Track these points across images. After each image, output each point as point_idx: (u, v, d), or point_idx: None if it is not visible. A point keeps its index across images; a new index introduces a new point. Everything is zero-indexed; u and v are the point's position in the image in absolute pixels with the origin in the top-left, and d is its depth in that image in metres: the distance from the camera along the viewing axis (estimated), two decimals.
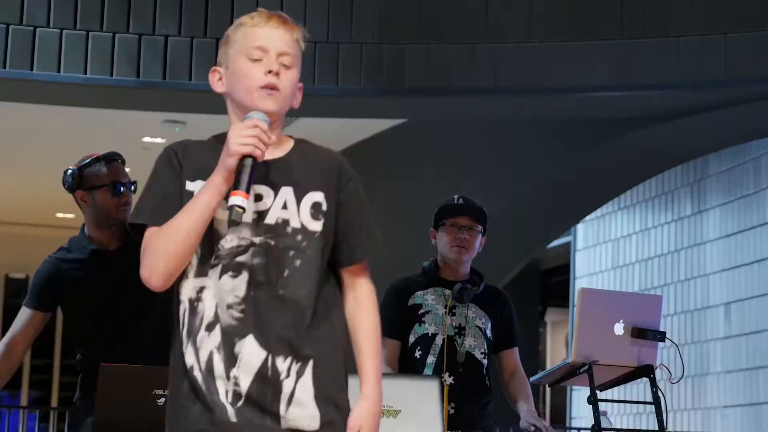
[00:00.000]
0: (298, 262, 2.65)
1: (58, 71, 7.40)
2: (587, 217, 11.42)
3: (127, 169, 4.53)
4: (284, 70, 2.72)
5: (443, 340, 4.68)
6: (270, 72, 2.69)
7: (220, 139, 2.72)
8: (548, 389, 14.35)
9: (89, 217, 4.49)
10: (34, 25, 7.40)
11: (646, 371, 4.73)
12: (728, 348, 9.81)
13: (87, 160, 4.51)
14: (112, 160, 4.50)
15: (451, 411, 4.62)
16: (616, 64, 7.43)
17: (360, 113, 8.61)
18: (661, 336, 4.72)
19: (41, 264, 4.49)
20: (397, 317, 4.73)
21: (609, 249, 11.64)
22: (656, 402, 4.72)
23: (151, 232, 2.64)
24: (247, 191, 2.57)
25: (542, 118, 8.58)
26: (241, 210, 2.56)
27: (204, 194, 2.61)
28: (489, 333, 4.76)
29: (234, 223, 2.58)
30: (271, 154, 2.68)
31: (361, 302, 2.76)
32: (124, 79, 7.49)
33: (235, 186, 2.58)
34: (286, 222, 2.66)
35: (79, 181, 4.49)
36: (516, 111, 8.33)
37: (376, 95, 7.73)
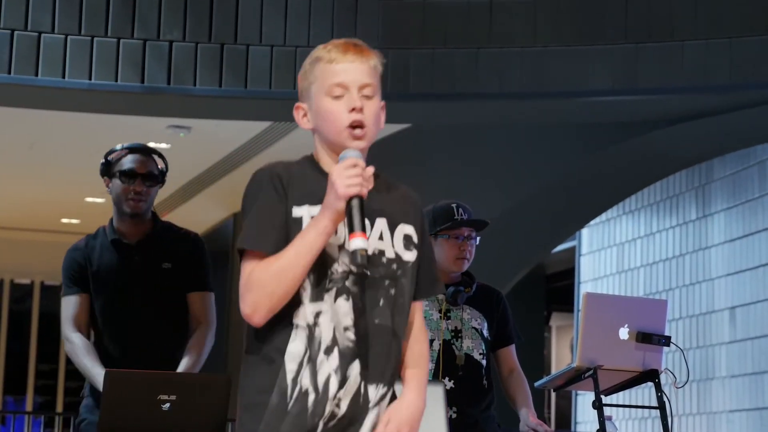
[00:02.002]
0: (392, 291, 2.72)
1: (63, 77, 7.41)
2: (592, 222, 11.41)
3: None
4: (366, 102, 2.75)
5: (440, 345, 4.68)
6: (353, 109, 2.72)
7: (313, 162, 2.77)
8: (553, 394, 14.34)
9: (114, 205, 4.55)
10: (39, 31, 7.41)
11: (651, 376, 4.73)
12: (733, 352, 9.79)
13: (115, 148, 4.59)
14: (133, 150, 4.55)
15: (453, 416, 4.61)
16: (620, 69, 7.43)
17: None
18: (666, 340, 4.72)
19: (68, 252, 4.57)
20: None
21: (614, 253, 11.63)
22: (661, 407, 4.72)
23: (254, 265, 2.64)
24: (364, 231, 2.60)
25: (547, 123, 8.58)
26: (364, 253, 2.58)
27: (311, 236, 2.62)
28: (486, 333, 4.75)
29: (361, 267, 2.62)
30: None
31: (418, 332, 2.83)
32: (128, 84, 7.50)
33: (350, 228, 2.60)
34: (381, 252, 2.72)
35: (105, 168, 4.57)
36: (520, 115, 8.33)
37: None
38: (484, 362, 4.72)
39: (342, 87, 2.73)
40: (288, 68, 7.54)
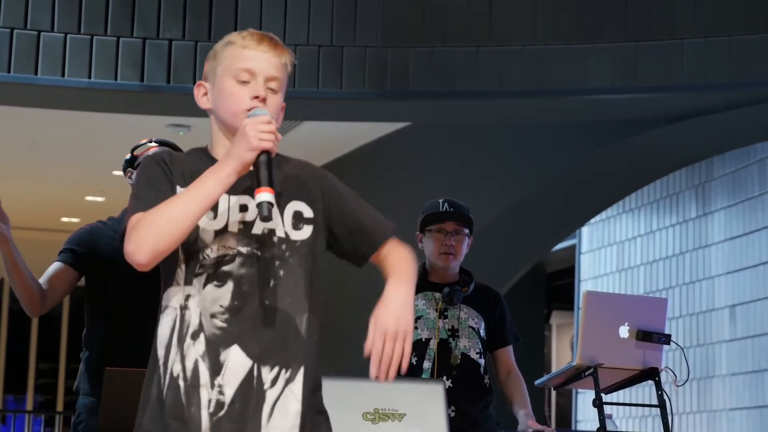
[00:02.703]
0: (282, 272, 2.64)
1: (63, 75, 7.41)
2: (592, 220, 11.41)
3: None
4: (270, 95, 2.70)
5: (436, 344, 4.67)
6: (257, 97, 2.67)
7: (204, 151, 2.73)
8: (553, 392, 14.34)
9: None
10: (39, 30, 7.41)
11: (652, 374, 4.72)
12: (734, 350, 9.80)
13: (141, 142, 4.64)
14: (162, 144, 4.61)
15: (452, 414, 4.60)
16: (620, 67, 7.43)
17: (364, 116, 8.62)
18: (667, 339, 4.72)
19: (82, 228, 4.56)
20: None
21: (614, 252, 11.63)
22: (661, 405, 4.72)
23: (141, 214, 2.58)
24: (272, 187, 2.55)
25: (546, 121, 8.58)
26: (270, 206, 2.53)
27: (210, 181, 2.56)
28: (483, 332, 4.74)
29: (266, 219, 2.55)
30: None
31: (394, 253, 2.72)
32: (128, 83, 7.50)
33: (258, 183, 2.55)
34: (272, 232, 2.66)
35: (130, 161, 4.60)
36: (520, 114, 8.33)
37: (381, 98, 7.73)
38: (481, 361, 4.71)
39: (249, 73, 2.69)
40: None
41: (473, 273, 4.84)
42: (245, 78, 2.69)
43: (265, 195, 2.53)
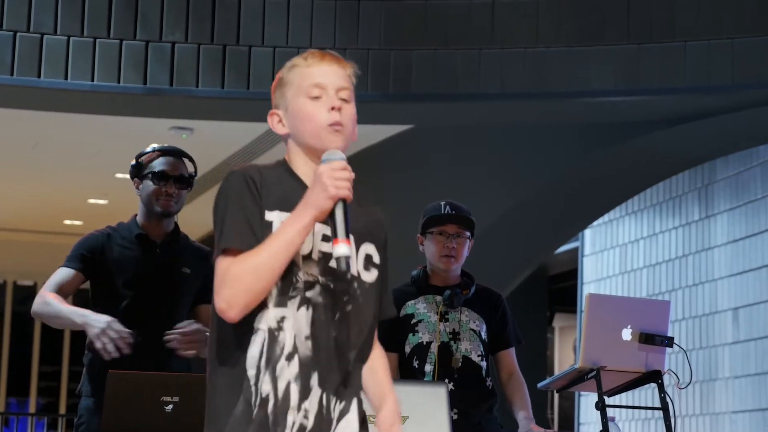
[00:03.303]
0: (349, 308, 2.71)
1: (65, 78, 7.41)
2: (595, 223, 11.41)
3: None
4: (344, 105, 2.75)
5: (437, 347, 4.67)
6: (333, 108, 2.72)
7: (287, 168, 2.77)
8: (556, 395, 14.33)
9: (141, 205, 4.56)
10: (42, 32, 7.41)
11: (654, 377, 4.72)
12: (736, 353, 9.79)
13: (146, 150, 4.64)
14: (165, 152, 4.58)
15: (455, 417, 4.60)
16: (622, 69, 7.43)
17: (367, 119, 8.60)
18: (669, 341, 4.71)
19: (87, 235, 4.57)
20: (391, 330, 4.72)
21: (616, 254, 11.63)
22: (664, 408, 4.71)
23: (231, 261, 2.62)
24: (348, 237, 2.59)
25: (548, 123, 8.58)
26: (347, 263, 2.57)
27: (290, 231, 2.60)
28: (484, 335, 4.74)
29: (343, 274, 2.61)
30: None
31: (384, 368, 2.91)
32: (131, 86, 7.50)
33: (334, 233, 2.59)
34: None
35: (136, 170, 4.61)
36: (522, 116, 8.33)
37: (383, 101, 7.73)
38: (483, 364, 4.71)
39: (320, 87, 2.74)
40: None
41: (475, 275, 4.84)
42: (317, 93, 2.74)
43: (342, 248, 2.57)
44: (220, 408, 2.69)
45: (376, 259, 2.77)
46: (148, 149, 4.67)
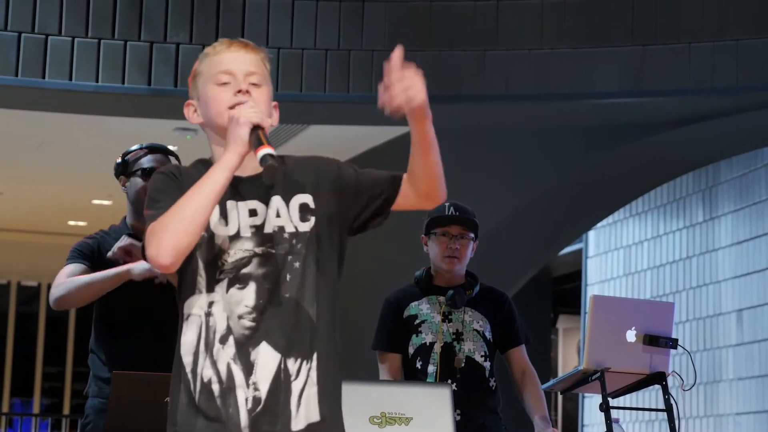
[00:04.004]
0: (296, 265, 2.70)
1: (70, 79, 7.42)
2: (599, 224, 11.40)
3: None
4: (254, 89, 2.77)
5: (441, 347, 4.67)
6: (239, 91, 2.74)
7: (207, 162, 2.79)
8: (560, 396, 14.33)
9: (129, 204, 4.56)
10: (46, 33, 7.42)
11: (659, 378, 4.72)
12: (741, 355, 9.78)
13: (132, 148, 4.61)
14: (154, 149, 4.59)
15: (458, 418, 4.59)
16: (627, 71, 7.43)
17: (371, 120, 8.62)
18: (674, 343, 4.71)
19: (79, 241, 4.55)
20: (394, 331, 4.72)
21: (621, 256, 11.62)
22: (668, 409, 4.71)
23: (155, 223, 2.63)
24: (269, 145, 2.62)
25: (553, 125, 8.58)
26: (272, 158, 2.59)
27: (214, 171, 2.63)
28: (488, 335, 4.73)
29: (272, 168, 2.60)
30: (254, 171, 2.73)
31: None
32: (135, 86, 7.51)
33: (256, 145, 2.62)
34: (282, 229, 2.72)
35: (122, 168, 4.58)
36: (527, 117, 8.33)
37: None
38: (486, 365, 4.70)
39: (228, 74, 2.77)
40: (295, 70, 7.54)
41: (479, 277, 4.84)
42: (225, 79, 2.77)
43: (265, 150, 2.60)
44: (172, 401, 2.71)
45: (312, 204, 2.75)
46: (134, 147, 4.65)
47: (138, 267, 4.26)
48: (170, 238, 2.58)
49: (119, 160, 4.62)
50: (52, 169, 11.02)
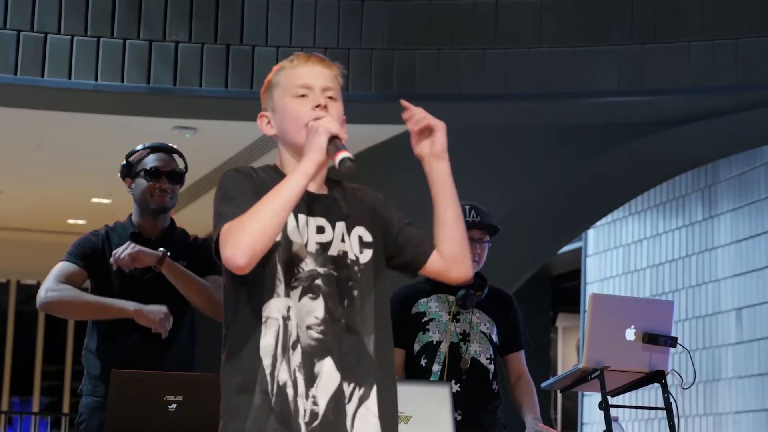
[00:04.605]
0: (355, 293, 2.76)
1: (69, 78, 7.42)
2: (598, 223, 11.40)
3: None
4: (330, 103, 2.82)
5: (447, 347, 4.67)
6: (318, 106, 2.79)
7: (278, 171, 2.83)
8: (559, 395, 14.33)
9: (135, 204, 4.56)
10: (45, 32, 7.42)
11: (658, 377, 4.72)
12: (740, 353, 9.79)
13: (136, 149, 4.63)
14: (156, 148, 4.58)
15: (459, 418, 4.60)
16: (626, 70, 7.43)
17: (370, 119, 8.62)
18: (673, 341, 4.71)
19: (84, 235, 4.55)
20: (400, 326, 4.72)
21: (620, 254, 11.62)
22: (668, 408, 4.71)
23: (231, 222, 2.65)
24: (346, 149, 2.69)
25: (552, 124, 8.58)
26: (351, 161, 2.65)
27: (292, 177, 2.66)
28: (495, 338, 4.74)
29: (351, 169, 2.65)
30: (318, 189, 2.80)
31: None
32: (134, 85, 7.50)
33: (336, 151, 2.68)
34: (345, 254, 2.78)
35: (127, 169, 4.58)
36: (526, 116, 8.32)
37: (387, 101, 7.73)
38: (491, 367, 4.71)
39: (306, 88, 2.82)
40: None
41: (486, 277, 4.84)
42: (303, 93, 2.81)
43: (343, 154, 2.67)
44: (237, 401, 2.70)
45: (368, 237, 2.81)
46: (138, 147, 4.65)
47: (149, 313, 4.26)
48: (248, 238, 2.60)
49: (124, 162, 4.62)
50: (51, 167, 11.01)
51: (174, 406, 3.99)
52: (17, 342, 15.74)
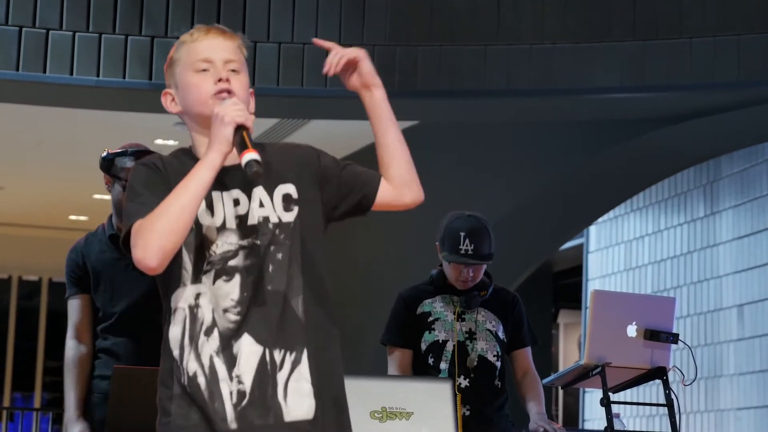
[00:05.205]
0: (279, 255, 2.68)
1: (71, 74, 7.41)
2: (600, 219, 11.40)
3: None
4: (233, 75, 2.74)
5: (454, 346, 4.68)
6: (219, 80, 2.72)
7: (188, 152, 2.77)
8: (561, 391, 14.33)
9: (113, 206, 4.55)
10: (47, 28, 7.41)
11: (659, 373, 4.72)
12: (741, 350, 9.79)
13: (121, 150, 4.59)
14: (139, 158, 4.55)
15: (467, 413, 4.62)
16: (628, 66, 7.42)
17: None
18: (674, 338, 4.71)
19: (69, 252, 4.58)
20: (406, 326, 4.74)
21: (622, 251, 11.62)
22: (669, 404, 4.71)
23: (140, 222, 2.60)
24: (254, 149, 2.59)
25: (554, 120, 8.58)
26: (257, 164, 2.55)
27: (198, 170, 2.60)
28: (501, 335, 4.75)
29: (257, 175, 2.56)
30: (235, 161, 2.66)
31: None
32: (136, 81, 7.50)
33: (240, 149, 2.59)
34: (266, 219, 2.70)
35: (108, 166, 4.57)
36: (528, 113, 8.32)
37: (388, 97, 7.72)
38: (498, 364, 4.72)
39: (207, 62, 2.75)
40: (296, 65, 7.54)
41: (491, 276, 4.85)
42: (204, 67, 2.74)
43: (249, 155, 2.57)
44: (160, 394, 2.69)
45: (295, 195, 2.73)
46: (123, 149, 4.59)
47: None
48: (156, 239, 2.55)
49: (104, 154, 4.60)
50: (53, 163, 11.02)
51: None
52: (19, 338, 15.75)
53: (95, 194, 12.16)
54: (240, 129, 2.61)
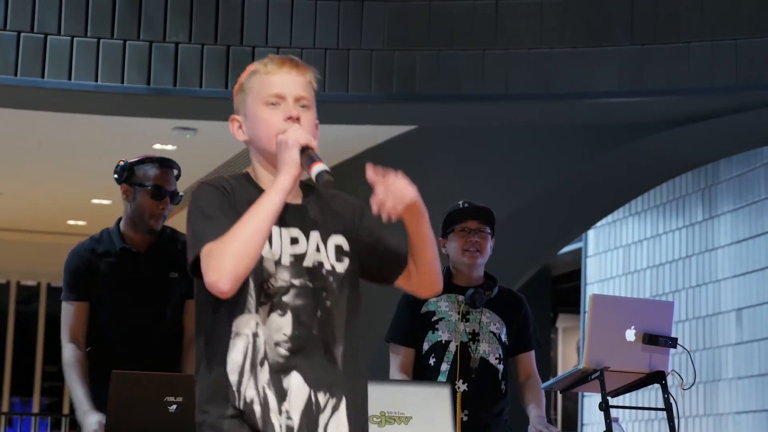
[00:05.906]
0: (328, 303, 2.74)
1: (69, 78, 7.41)
2: (598, 223, 11.40)
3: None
4: (303, 112, 2.77)
5: (456, 346, 4.68)
6: (290, 118, 2.74)
7: (249, 179, 2.80)
8: (559, 395, 14.33)
9: (127, 213, 4.54)
10: (45, 33, 7.42)
11: (658, 377, 4.72)
12: (740, 354, 9.79)
13: (142, 158, 4.56)
14: (164, 165, 4.54)
15: (465, 418, 4.61)
16: (626, 70, 7.43)
17: (370, 119, 8.62)
18: (673, 342, 4.71)
19: (71, 254, 4.53)
20: (410, 325, 4.74)
21: (620, 255, 11.62)
22: (668, 408, 4.71)
23: (211, 245, 2.62)
24: (321, 160, 2.66)
25: (552, 124, 8.58)
26: (328, 174, 2.62)
27: (269, 194, 2.64)
28: (504, 338, 4.75)
29: (328, 184, 2.63)
30: (293, 199, 2.74)
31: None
32: (134, 86, 7.50)
33: (309, 164, 2.65)
34: (321, 264, 2.75)
35: (127, 175, 4.53)
36: (526, 117, 8.32)
37: (387, 101, 7.73)
38: (500, 367, 4.72)
39: (279, 97, 2.77)
40: None
41: (495, 278, 4.85)
42: (275, 101, 2.76)
43: (319, 166, 2.64)
44: (213, 413, 2.69)
45: (346, 247, 2.79)
46: (143, 157, 4.55)
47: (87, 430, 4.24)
48: (230, 263, 2.58)
49: (123, 163, 4.56)
50: (51, 168, 11.02)
51: (174, 406, 3.99)
52: (17, 343, 15.74)
53: (93, 199, 12.16)
54: (305, 150, 2.66)
